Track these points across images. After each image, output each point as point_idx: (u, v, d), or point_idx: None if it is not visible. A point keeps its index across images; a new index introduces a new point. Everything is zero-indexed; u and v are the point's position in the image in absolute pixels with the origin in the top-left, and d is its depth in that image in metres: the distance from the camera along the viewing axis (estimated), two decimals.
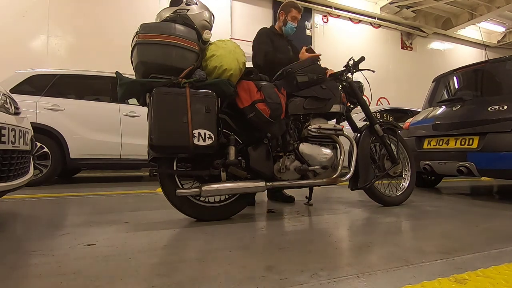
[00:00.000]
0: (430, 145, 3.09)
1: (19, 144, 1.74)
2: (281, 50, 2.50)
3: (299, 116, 2.12)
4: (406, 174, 2.53)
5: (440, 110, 3.20)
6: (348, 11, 8.96)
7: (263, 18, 7.97)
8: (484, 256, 1.24)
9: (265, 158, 1.90)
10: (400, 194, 2.45)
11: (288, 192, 2.62)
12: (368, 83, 2.34)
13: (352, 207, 2.35)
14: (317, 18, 8.76)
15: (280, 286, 0.95)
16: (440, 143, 2.99)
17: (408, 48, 10.19)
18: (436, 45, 10.71)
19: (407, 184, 2.50)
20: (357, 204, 2.47)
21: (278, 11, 2.67)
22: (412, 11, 9.27)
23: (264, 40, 2.48)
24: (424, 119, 3.29)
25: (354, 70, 2.41)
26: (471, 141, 2.69)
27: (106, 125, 3.84)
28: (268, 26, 2.70)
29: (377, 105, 8.82)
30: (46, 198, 2.64)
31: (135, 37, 1.71)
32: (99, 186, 3.63)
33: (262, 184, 1.84)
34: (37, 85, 3.71)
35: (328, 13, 8.82)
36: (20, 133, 1.77)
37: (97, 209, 2.20)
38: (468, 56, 10.93)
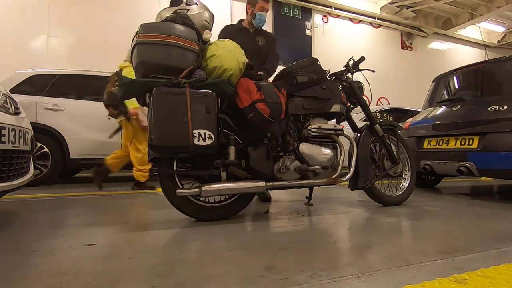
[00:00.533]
0: (430, 145, 3.09)
1: (19, 144, 1.74)
2: (245, 45, 2.23)
3: (299, 116, 2.12)
4: (406, 174, 2.53)
5: (440, 110, 3.20)
6: (348, 11, 8.95)
7: None
8: (484, 256, 1.25)
9: (265, 158, 1.90)
10: (400, 194, 2.45)
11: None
12: (368, 83, 2.34)
13: (352, 207, 2.35)
14: (317, 18, 8.75)
15: (280, 286, 0.95)
16: (440, 143, 2.99)
17: (408, 48, 10.19)
18: (436, 45, 10.71)
19: (407, 184, 2.50)
20: (357, 204, 2.47)
21: (246, 5, 2.60)
22: (412, 11, 9.26)
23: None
24: (424, 119, 3.30)
25: (354, 70, 2.41)
26: (471, 141, 2.69)
27: (106, 125, 3.83)
28: (234, 23, 2.64)
29: (377, 105, 8.82)
30: (46, 198, 2.64)
31: (135, 37, 1.71)
32: None
33: (262, 184, 1.84)
34: (37, 85, 3.71)
35: (328, 13, 8.81)
36: (20, 133, 1.77)
37: (97, 209, 2.20)
38: (468, 56, 10.92)
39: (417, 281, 0.98)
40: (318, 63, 2.21)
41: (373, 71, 2.34)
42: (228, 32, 2.46)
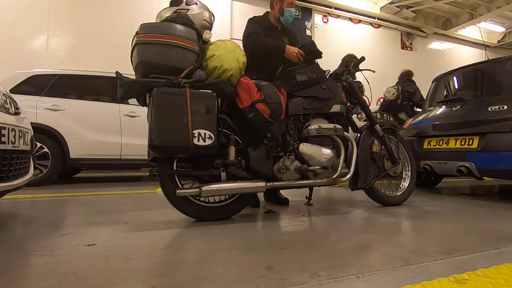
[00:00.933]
0: (430, 145, 3.09)
1: (19, 144, 1.74)
2: None
3: (299, 116, 2.12)
4: (406, 174, 2.53)
5: (440, 110, 3.20)
6: (348, 11, 8.95)
7: None
8: (484, 256, 1.24)
9: (265, 158, 1.90)
10: (400, 194, 2.45)
11: (283, 193, 2.60)
12: (368, 83, 2.34)
13: (352, 207, 2.35)
14: (317, 18, 8.75)
15: (280, 286, 0.95)
16: (440, 143, 2.99)
17: (408, 48, 10.19)
18: (436, 45, 10.71)
19: (407, 184, 2.50)
20: (357, 204, 2.47)
21: (273, 0, 2.42)
22: (412, 11, 9.26)
23: (253, 25, 2.33)
24: (424, 119, 3.29)
25: (354, 70, 2.41)
26: (471, 141, 2.69)
27: (106, 125, 3.83)
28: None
29: (377, 105, 8.81)
30: (46, 198, 2.64)
31: (135, 37, 1.71)
32: (99, 186, 3.63)
33: (262, 184, 1.84)
34: (37, 85, 3.71)
35: (328, 13, 8.82)
36: (20, 133, 1.77)
37: (97, 209, 2.20)
38: (468, 56, 10.92)
39: (417, 281, 0.98)
40: (317, 62, 2.21)
41: (373, 71, 2.34)
42: (259, 22, 2.35)
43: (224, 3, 7.56)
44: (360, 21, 9.28)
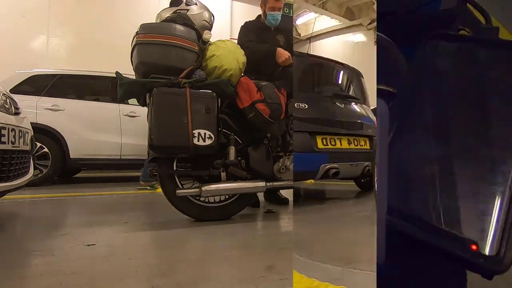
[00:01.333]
0: None
1: (19, 144, 1.74)
2: (267, 43, 2.28)
3: None
4: None
5: None
6: None
7: None
8: None
9: (265, 158, 1.91)
10: None
11: (283, 193, 2.59)
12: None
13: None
14: None
15: (280, 286, 0.95)
16: None
17: None
18: None
19: None
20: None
21: (260, 2, 2.40)
22: None
23: (245, 33, 2.31)
24: None
25: None
26: None
27: (106, 125, 3.83)
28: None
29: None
30: (46, 198, 2.64)
31: (135, 37, 1.71)
32: (99, 186, 3.64)
33: (262, 184, 1.84)
34: (37, 85, 3.70)
35: None
36: (20, 133, 1.77)
37: (97, 209, 2.20)
38: None
39: None
40: None
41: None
42: (252, 29, 2.33)
43: (224, 3, 7.56)
44: None
